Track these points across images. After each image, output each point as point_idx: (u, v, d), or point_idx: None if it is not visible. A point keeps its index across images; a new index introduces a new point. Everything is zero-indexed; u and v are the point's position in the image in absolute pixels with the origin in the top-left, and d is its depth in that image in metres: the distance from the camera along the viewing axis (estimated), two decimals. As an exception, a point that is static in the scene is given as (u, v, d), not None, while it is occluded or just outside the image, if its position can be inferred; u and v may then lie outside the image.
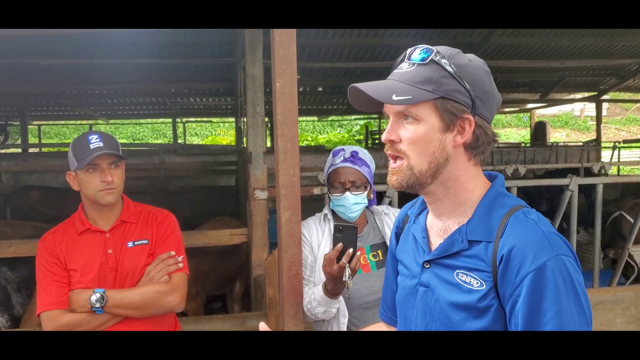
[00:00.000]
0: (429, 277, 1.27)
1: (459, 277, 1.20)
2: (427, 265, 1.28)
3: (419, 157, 1.20)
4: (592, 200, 7.34)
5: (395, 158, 1.24)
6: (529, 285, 1.09)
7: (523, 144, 15.95)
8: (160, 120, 21.18)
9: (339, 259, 1.89)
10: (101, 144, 2.04)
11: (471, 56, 1.23)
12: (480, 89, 1.19)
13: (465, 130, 1.20)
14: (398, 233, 1.48)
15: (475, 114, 1.19)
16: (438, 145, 1.20)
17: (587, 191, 5.93)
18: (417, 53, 1.20)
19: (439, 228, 1.29)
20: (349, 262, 1.88)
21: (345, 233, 1.90)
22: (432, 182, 1.23)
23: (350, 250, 1.88)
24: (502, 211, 1.20)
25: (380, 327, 1.59)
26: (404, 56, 1.24)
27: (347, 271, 1.88)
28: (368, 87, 1.20)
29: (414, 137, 1.20)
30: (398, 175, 1.23)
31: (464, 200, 1.25)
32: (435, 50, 1.18)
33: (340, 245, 1.88)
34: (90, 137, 2.06)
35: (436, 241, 1.29)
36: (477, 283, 1.17)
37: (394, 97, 1.16)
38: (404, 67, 1.22)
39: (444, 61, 1.17)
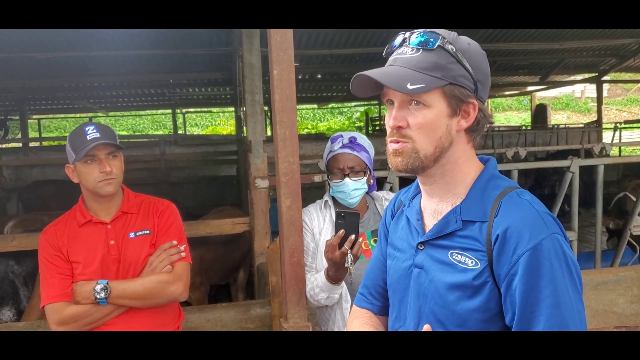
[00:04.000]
0: (423, 258, 1.28)
1: (454, 257, 1.22)
2: (421, 247, 1.29)
3: (426, 141, 1.20)
4: (587, 181, 7.33)
5: (398, 142, 1.23)
6: (525, 264, 1.11)
7: (524, 127, 15.90)
8: (159, 111, 21.17)
9: (341, 245, 1.90)
10: (98, 135, 2.03)
11: (468, 39, 1.23)
12: (481, 72, 1.21)
13: (469, 114, 1.21)
14: (392, 217, 1.48)
15: (477, 97, 1.21)
16: (445, 129, 1.20)
17: (584, 173, 5.91)
18: (416, 37, 1.19)
19: (433, 210, 1.30)
20: (351, 248, 1.89)
21: (347, 219, 1.91)
22: (434, 165, 1.23)
23: (352, 236, 1.90)
24: (496, 192, 1.22)
25: (363, 313, 1.51)
26: (403, 40, 1.23)
27: (349, 257, 1.90)
28: (380, 75, 1.18)
29: (423, 122, 1.20)
30: (403, 157, 1.22)
31: (458, 182, 1.26)
32: (441, 36, 1.18)
33: (342, 231, 1.90)
34: (87, 129, 2.05)
35: (430, 223, 1.30)
36: (472, 262, 1.19)
37: (409, 87, 1.15)
38: (407, 53, 1.20)
39: (450, 47, 1.17)
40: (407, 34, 1.22)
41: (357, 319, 1.49)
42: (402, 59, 1.21)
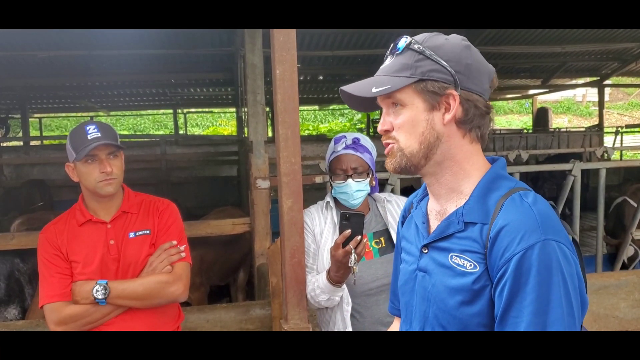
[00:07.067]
0: (427, 262, 1.27)
1: (453, 260, 1.20)
2: (425, 250, 1.28)
3: (409, 138, 1.23)
4: (587, 185, 7.30)
5: (388, 144, 1.28)
6: (513, 267, 1.08)
7: (525, 130, 15.88)
8: (161, 111, 21.17)
9: (345, 244, 1.91)
10: (99, 134, 2.02)
11: (450, 36, 1.24)
12: (460, 64, 1.20)
13: (451, 106, 1.20)
14: (403, 222, 1.48)
15: (461, 88, 1.19)
16: (426, 124, 1.21)
17: (584, 177, 5.90)
18: (398, 44, 1.24)
19: (438, 211, 1.29)
20: (355, 247, 1.91)
21: (352, 221, 1.94)
22: (426, 163, 1.24)
23: (358, 237, 1.92)
24: (500, 193, 1.19)
25: (395, 326, 1.57)
26: (389, 49, 1.27)
27: (353, 256, 1.92)
28: (351, 86, 1.26)
29: (402, 121, 1.23)
30: (391, 157, 1.27)
31: (462, 182, 1.24)
32: (411, 39, 1.21)
33: (348, 231, 1.92)
34: (88, 128, 2.04)
35: (435, 225, 1.28)
36: (471, 265, 1.17)
37: (373, 90, 1.20)
38: (386, 61, 1.26)
39: (417, 46, 1.20)
40: (394, 42, 1.26)
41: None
42: (382, 67, 1.26)
